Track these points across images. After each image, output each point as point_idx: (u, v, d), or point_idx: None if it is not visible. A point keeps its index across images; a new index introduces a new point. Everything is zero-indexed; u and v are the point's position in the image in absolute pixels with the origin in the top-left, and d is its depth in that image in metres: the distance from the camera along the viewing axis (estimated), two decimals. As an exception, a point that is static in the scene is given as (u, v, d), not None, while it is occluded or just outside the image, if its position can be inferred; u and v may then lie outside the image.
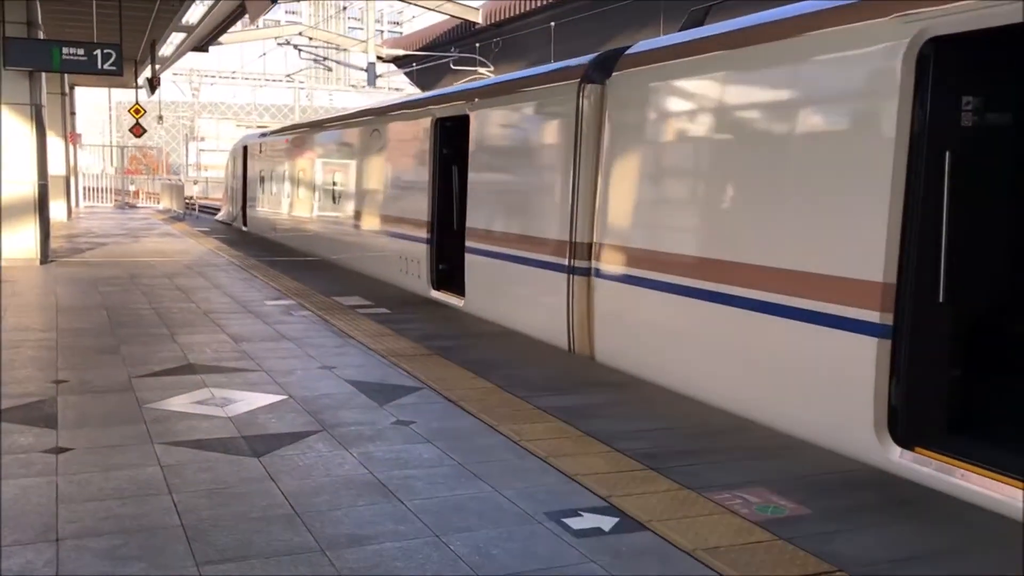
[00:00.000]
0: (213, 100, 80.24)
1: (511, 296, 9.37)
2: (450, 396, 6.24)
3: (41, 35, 14.07)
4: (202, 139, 79.99)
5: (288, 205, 19.09)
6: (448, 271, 11.63)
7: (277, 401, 6.04)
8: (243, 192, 24.03)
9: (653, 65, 7.26)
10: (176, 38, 22.96)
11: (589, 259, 8.01)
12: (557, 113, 8.62)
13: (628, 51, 7.72)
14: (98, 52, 13.42)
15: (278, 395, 6.20)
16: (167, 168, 66.11)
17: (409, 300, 11.23)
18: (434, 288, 11.52)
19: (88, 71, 13.30)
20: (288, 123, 23.31)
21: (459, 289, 10.82)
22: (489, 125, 10.02)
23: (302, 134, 18.84)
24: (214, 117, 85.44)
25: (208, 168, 77.08)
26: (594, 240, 7.89)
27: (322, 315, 9.69)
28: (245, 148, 23.95)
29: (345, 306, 10.43)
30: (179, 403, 5.93)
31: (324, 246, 16.21)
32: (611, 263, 7.58)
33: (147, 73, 25.87)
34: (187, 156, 77.08)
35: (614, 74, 7.73)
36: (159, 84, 22.72)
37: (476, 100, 10.27)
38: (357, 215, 14.42)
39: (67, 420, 5.48)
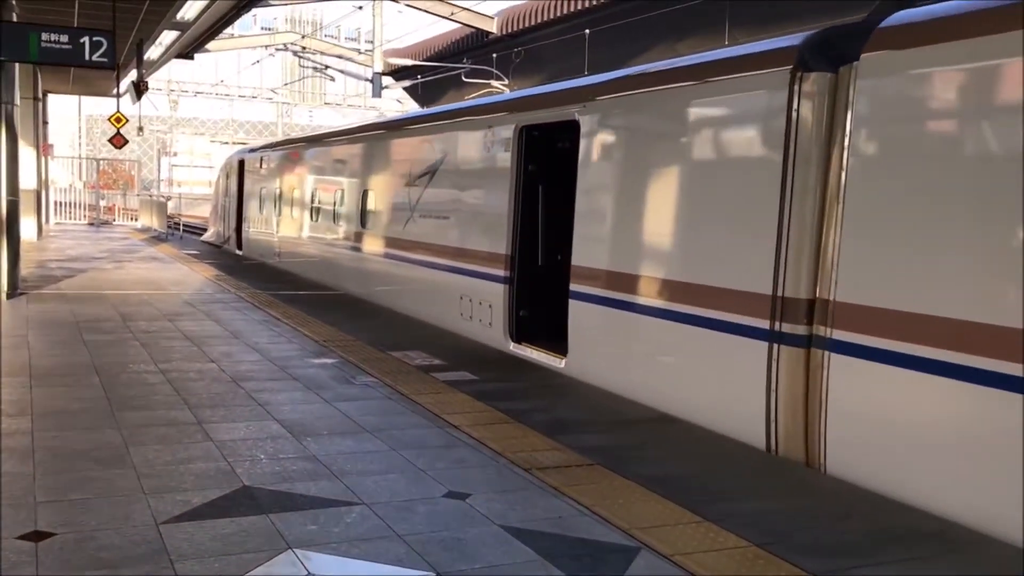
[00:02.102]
0: (186, 115, 77.74)
1: (653, 363, 6.89)
2: None
3: (15, 17, 11.48)
4: (175, 154, 77.22)
5: (299, 228, 16.51)
6: (530, 319, 9.17)
7: (421, 586, 3.52)
8: (238, 212, 21.40)
9: (963, 41, 4.81)
10: (166, 38, 20.40)
11: (810, 323, 5.57)
12: (747, 113, 6.20)
13: (887, 23, 5.29)
14: (86, 39, 10.82)
15: (414, 572, 3.67)
16: (139, 183, 63.27)
17: (482, 355, 8.76)
18: (514, 340, 9.04)
19: (73, 62, 10.69)
20: (290, 136, 20.77)
21: (554, 344, 8.39)
22: (618, 132, 7.57)
23: (319, 147, 16.29)
24: (187, 132, 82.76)
25: (181, 184, 74.23)
26: (827, 297, 5.43)
27: (393, 384, 7.17)
28: (241, 163, 21.33)
29: (413, 367, 7.92)
30: (256, 594, 3.40)
31: (348, 278, 13.65)
32: (874, 333, 5.10)
33: (131, 77, 23.28)
34: (159, 171, 74.35)
35: (864, 57, 5.29)
36: (146, 89, 19.97)
37: (594, 99, 7.81)
38: (396, 243, 11.89)
39: (61, 652, 2.93)
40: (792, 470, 5.44)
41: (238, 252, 20.98)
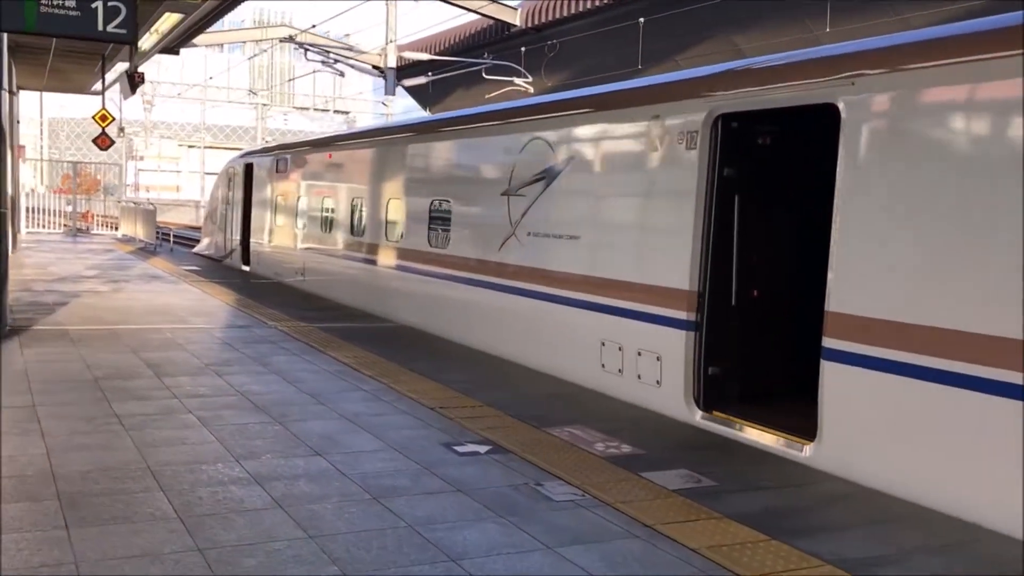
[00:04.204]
0: (155, 118, 74.88)
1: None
2: None
3: (3, -25, 8.86)
4: (142, 158, 74.27)
5: (332, 244, 13.94)
6: (723, 379, 6.77)
7: None
8: (244, 222, 18.76)
9: None
10: (164, 24, 17.78)
11: None
12: None
13: None
14: (99, 4, 8.26)
15: None
16: (120, 187, 60.13)
17: (659, 428, 6.39)
18: (702, 408, 6.63)
19: (83, 33, 8.12)
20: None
21: (771, 417, 6.10)
22: (943, 116, 5.13)
23: (362, 147, 13.73)
24: (156, 136, 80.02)
25: (149, 189, 71.22)
26: None
27: (611, 502, 4.71)
28: (249, 167, 18.70)
29: (602, 459, 5.48)
30: None
31: (409, 306, 11.13)
32: None
33: (118, 70, 20.69)
34: (125, 176, 71.25)
35: None
36: (142, 82, 17.31)
37: (882, 73, 5.39)
38: (487, 268, 9.41)
39: None
40: None
41: (244, 268, 18.37)
